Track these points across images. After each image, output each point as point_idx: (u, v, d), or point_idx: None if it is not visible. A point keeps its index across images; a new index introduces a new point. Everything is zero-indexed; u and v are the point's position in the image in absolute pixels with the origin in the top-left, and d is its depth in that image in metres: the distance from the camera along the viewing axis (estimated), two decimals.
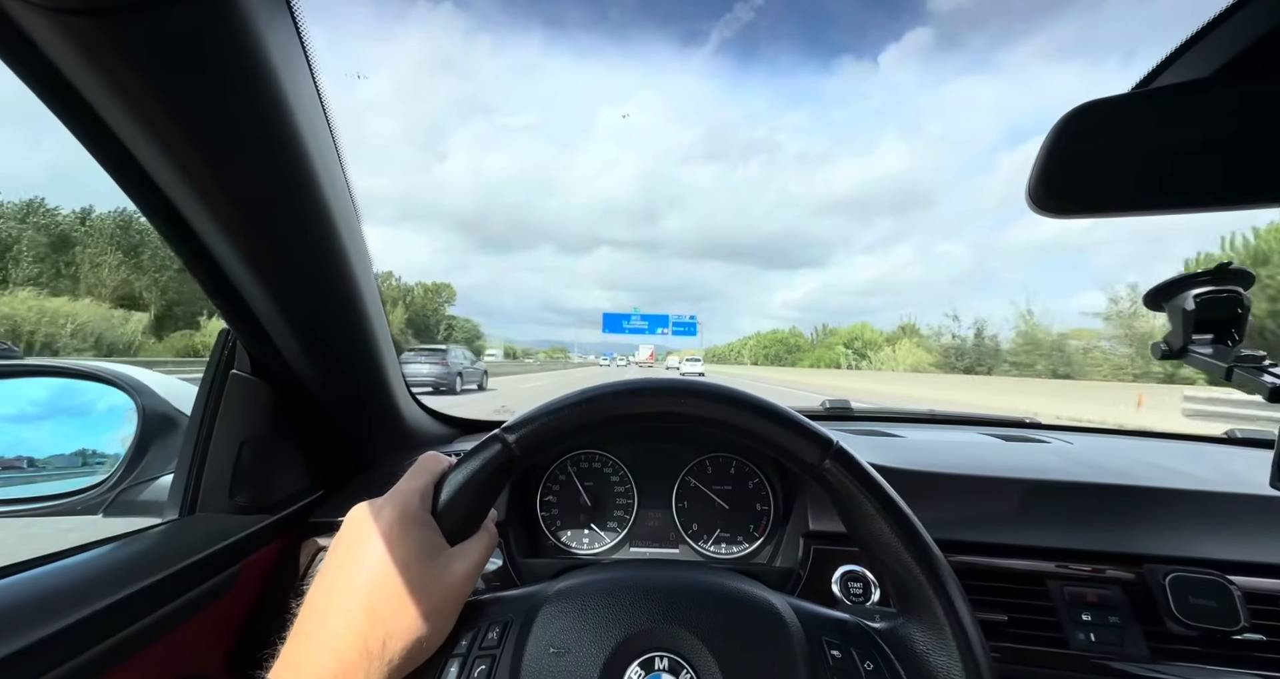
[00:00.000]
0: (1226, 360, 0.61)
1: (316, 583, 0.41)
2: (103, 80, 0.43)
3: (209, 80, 0.46)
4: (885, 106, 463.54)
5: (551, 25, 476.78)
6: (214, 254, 0.61)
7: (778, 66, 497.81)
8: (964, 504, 0.80)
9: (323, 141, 0.60)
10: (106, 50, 0.41)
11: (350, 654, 0.37)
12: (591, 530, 0.94)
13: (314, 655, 0.37)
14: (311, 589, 0.41)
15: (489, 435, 0.46)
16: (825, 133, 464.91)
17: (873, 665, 0.42)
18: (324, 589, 0.40)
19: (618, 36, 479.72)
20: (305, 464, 0.86)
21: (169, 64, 0.44)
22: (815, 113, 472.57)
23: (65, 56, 0.42)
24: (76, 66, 0.43)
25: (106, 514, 0.81)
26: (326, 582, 0.41)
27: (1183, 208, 0.46)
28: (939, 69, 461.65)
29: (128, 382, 0.86)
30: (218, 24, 0.44)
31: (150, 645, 0.57)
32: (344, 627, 0.38)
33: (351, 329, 0.77)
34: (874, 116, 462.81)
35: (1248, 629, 0.65)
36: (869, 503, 0.44)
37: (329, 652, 0.37)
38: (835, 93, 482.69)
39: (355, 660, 0.37)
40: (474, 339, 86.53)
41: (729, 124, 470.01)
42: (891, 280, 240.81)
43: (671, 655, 0.42)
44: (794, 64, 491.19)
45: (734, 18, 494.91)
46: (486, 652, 0.42)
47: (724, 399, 0.47)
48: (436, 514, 0.44)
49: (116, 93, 0.44)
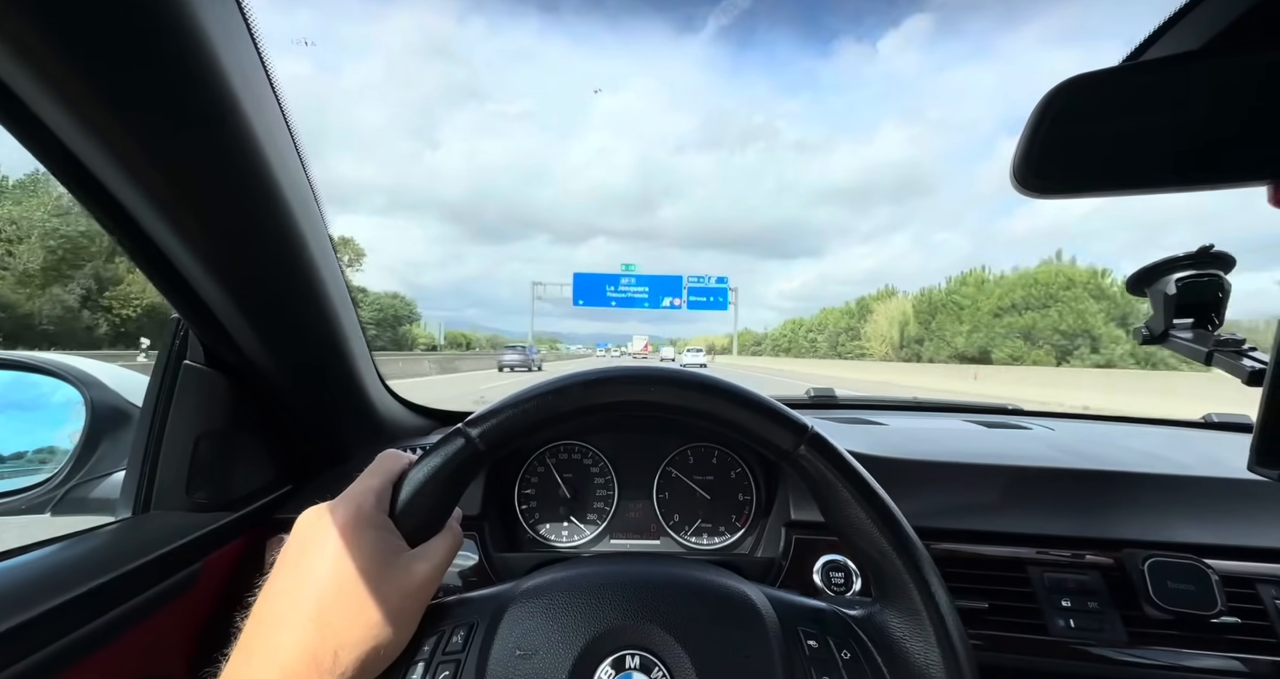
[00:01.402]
0: (1207, 345, 0.61)
1: (263, 594, 0.39)
2: (18, 56, 0.39)
3: (131, 46, 0.42)
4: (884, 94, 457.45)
5: (547, 11, 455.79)
6: (154, 239, 0.57)
7: (775, 54, 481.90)
8: (945, 491, 0.80)
9: (270, 116, 0.56)
10: (20, 25, 0.38)
11: (298, 668, 0.35)
12: (571, 523, 0.93)
13: (259, 671, 0.35)
14: (258, 600, 0.39)
15: (451, 430, 0.44)
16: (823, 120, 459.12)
17: (850, 654, 0.42)
18: (270, 599, 0.38)
19: (613, 23, 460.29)
20: (269, 458, 0.83)
21: (90, 39, 0.40)
22: (813, 100, 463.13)
23: None
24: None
25: (54, 513, 0.77)
26: (273, 591, 0.38)
27: (1173, 186, 0.45)
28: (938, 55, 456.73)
29: (74, 374, 0.81)
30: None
31: (105, 647, 0.55)
32: (291, 640, 0.36)
33: (312, 315, 0.73)
34: (873, 104, 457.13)
35: (1224, 613, 0.65)
36: (844, 489, 0.43)
37: (275, 667, 0.35)
38: (833, 80, 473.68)
39: (304, 674, 0.35)
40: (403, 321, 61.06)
41: (726, 111, 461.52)
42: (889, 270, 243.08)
43: (643, 653, 0.41)
44: (792, 51, 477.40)
45: (731, 4, 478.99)
46: (450, 657, 0.41)
47: (695, 386, 0.45)
48: (395, 515, 0.42)
49: (35, 69, 0.40)
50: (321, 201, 0.69)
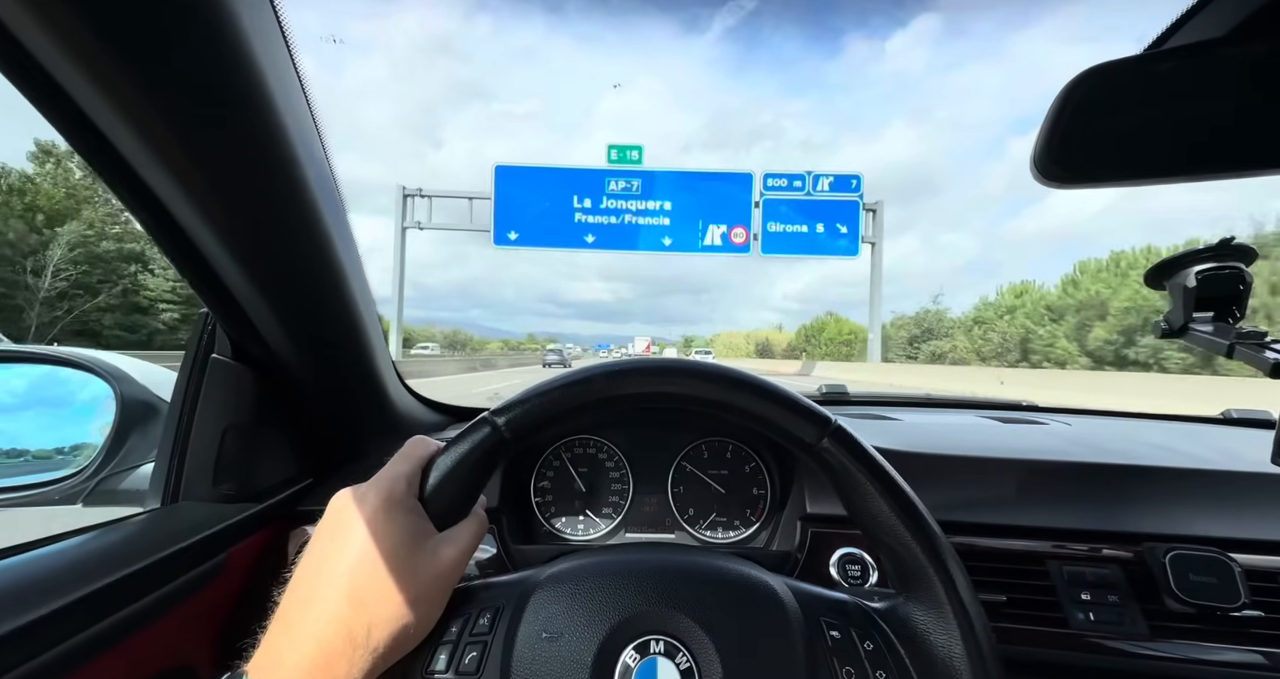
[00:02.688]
0: (1228, 338, 0.60)
1: (300, 569, 0.40)
2: (62, 51, 0.41)
3: (174, 50, 0.44)
4: (891, 93, 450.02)
5: (552, 11, 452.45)
6: (189, 234, 0.58)
7: (781, 54, 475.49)
8: (962, 485, 0.80)
9: (300, 117, 0.58)
10: (64, 19, 0.39)
11: (334, 641, 0.36)
12: (586, 516, 0.93)
13: (296, 643, 0.36)
14: (295, 576, 0.40)
15: (478, 418, 0.45)
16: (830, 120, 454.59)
17: (872, 645, 0.42)
18: (307, 576, 0.39)
19: (619, 24, 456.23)
20: (291, 451, 0.84)
21: (130, 32, 0.41)
22: (820, 99, 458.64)
23: (21, 25, 0.39)
24: (33, 37, 0.40)
25: (86, 503, 0.79)
26: (310, 568, 0.40)
27: (1196, 175, 0.45)
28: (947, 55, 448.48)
29: (105, 368, 0.84)
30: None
31: (132, 636, 0.56)
32: (327, 614, 0.37)
33: (336, 312, 0.74)
34: (880, 103, 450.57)
35: (1248, 606, 0.65)
36: (868, 482, 0.44)
37: (311, 639, 0.36)
38: (840, 80, 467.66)
39: (339, 648, 0.36)
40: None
41: (732, 110, 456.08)
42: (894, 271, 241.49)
43: (667, 638, 0.41)
44: (798, 51, 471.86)
45: (737, 5, 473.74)
46: (477, 638, 0.41)
47: (720, 378, 0.45)
48: (423, 499, 0.43)
49: (78, 64, 0.42)
50: (344, 197, 0.71)
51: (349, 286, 0.74)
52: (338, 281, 0.71)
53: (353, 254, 0.74)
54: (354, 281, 0.75)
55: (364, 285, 0.78)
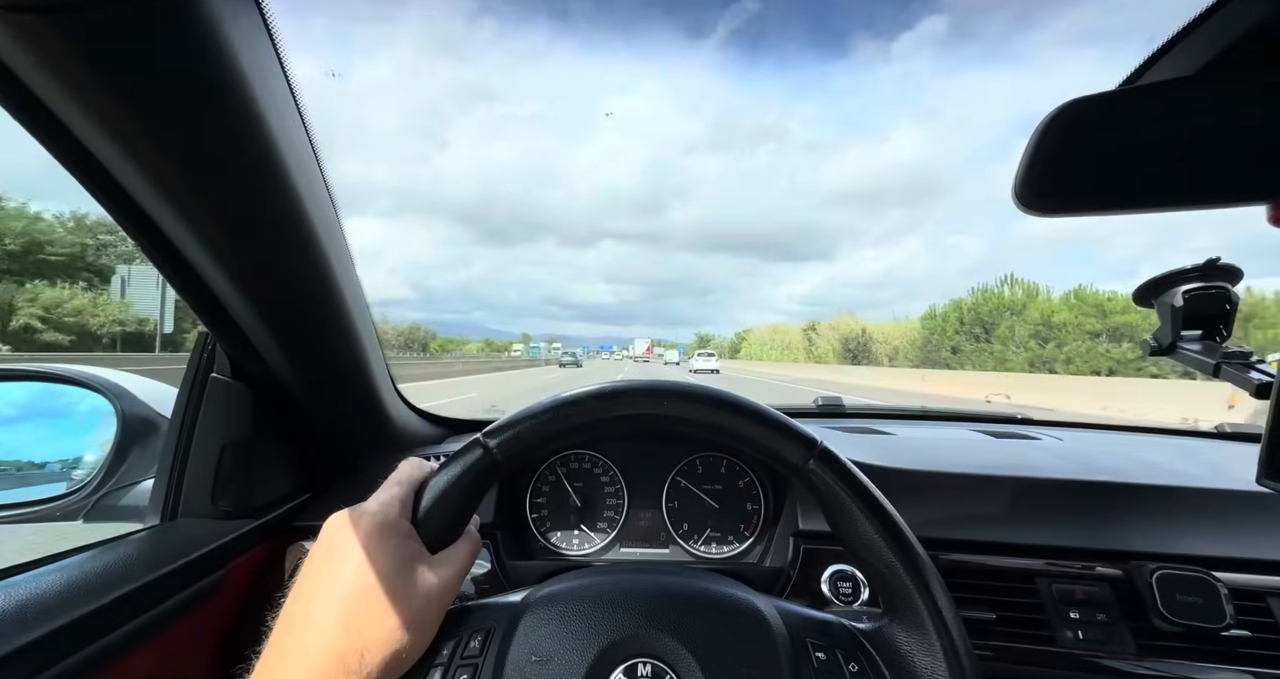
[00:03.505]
0: (1214, 357, 0.61)
1: (292, 595, 0.40)
2: (56, 79, 0.42)
3: (168, 77, 0.45)
4: (897, 95, 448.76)
5: (557, 15, 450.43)
6: (187, 257, 0.60)
7: (786, 56, 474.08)
8: (953, 503, 0.80)
9: (296, 139, 0.59)
10: (57, 48, 0.40)
11: (327, 668, 0.36)
12: (581, 531, 0.94)
13: (289, 670, 0.37)
14: (288, 601, 0.40)
15: (470, 440, 0.45)
16: (835, 122, 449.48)
17: (858, 667, 0.42)
18: (300, 601, 0.40)
19: (623, 28, 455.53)
20: (290, 467, 0.85)
21: (124, 61, 0.42)
22: (825, 102, 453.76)
23: (16, 56, 0.41)
24: (27, 65, 0.41)
25: (87, 520, 0.80)
26: (303, 593, 0.40)
27: (1173, 205, 0.46)
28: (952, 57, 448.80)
29: (106, 385, 0.85)
30: (175, 19, 0.42)
31: (131, 653, 0.56)
32: (320, 640, 0.37)
33: (333, 331, 0.76)
34: (886, 105, 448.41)
35: (1233, 626, 0.65)
36: (853, 504, 0.44)
37: (305, 665, 0.36)
38: (846, 82, 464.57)
39: (332, 674, 0.36)
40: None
41: (736, 113, 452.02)
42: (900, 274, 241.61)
43: (655, 661, 0.42)
44: (803, 55, 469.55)
45: (741, 8, 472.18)
46: (468, 661, 0.42)
47: (707, 401, 0.46)
48: (417, 522, 0.44)
49: (71, 91, 0.43)
50: (342, 216, 0.72)
51: (346, 305, 0.75)
52: (335, 301, 0.73)
53: (350, 272, 0.75)
54: (351, 300, 0.76)
55: (361, 302, 0.79)
